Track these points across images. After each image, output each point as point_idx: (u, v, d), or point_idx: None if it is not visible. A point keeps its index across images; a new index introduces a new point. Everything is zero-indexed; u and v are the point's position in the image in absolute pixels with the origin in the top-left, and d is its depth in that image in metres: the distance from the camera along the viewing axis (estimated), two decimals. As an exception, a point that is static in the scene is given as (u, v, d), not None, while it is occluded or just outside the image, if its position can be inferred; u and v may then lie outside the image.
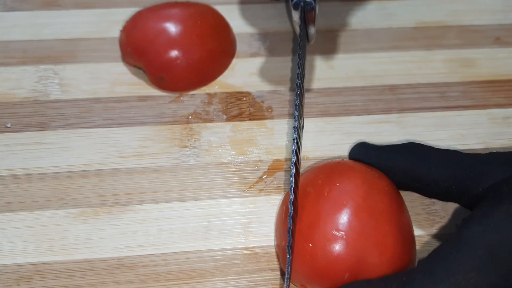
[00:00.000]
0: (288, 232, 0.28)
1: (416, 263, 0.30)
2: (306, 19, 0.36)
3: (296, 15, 0.36)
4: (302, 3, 0.35)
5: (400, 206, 0.31)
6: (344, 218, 0.29)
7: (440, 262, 0.25)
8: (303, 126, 0.37)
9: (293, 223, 0.29)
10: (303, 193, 0.31)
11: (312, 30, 0.37)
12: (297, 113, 0.33)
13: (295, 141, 0.32)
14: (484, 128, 0.39)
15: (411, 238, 0.30)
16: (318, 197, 0.30)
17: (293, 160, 0.31)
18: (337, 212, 0.29)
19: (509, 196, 0.26)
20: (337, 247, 0.28)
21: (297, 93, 0.34)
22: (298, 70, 0.35)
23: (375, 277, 0.28)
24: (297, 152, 0.31)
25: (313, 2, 0.35)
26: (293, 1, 0.35)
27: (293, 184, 0.30)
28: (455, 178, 0.30)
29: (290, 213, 0.29)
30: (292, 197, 0.29)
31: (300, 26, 0.36)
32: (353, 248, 0.28)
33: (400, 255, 0.29)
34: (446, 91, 0.41)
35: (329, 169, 0.32)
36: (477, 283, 0.24)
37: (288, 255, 0.28)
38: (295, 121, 0.33)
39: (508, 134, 0.39)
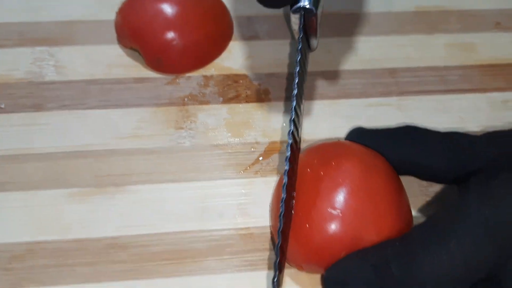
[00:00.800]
0: (280, 216, 0.28)
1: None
2: (307, 29, 0.32)
3: (295, 24, 0.32)
4: (302, 10, 0.30)
5: (398, 186, 0.30)
6: (340, 196, 0.28)
7: (434, 230, 0.25)
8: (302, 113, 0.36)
9: (286, 208, 0.28)
10: (299, 174, 0.31)
11: (314, 42, 0.33)
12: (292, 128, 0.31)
13: (293, 122, 0.31)
14: (483, 112, 0.38)
15: (408, 218, 0.30)
16: (314, 177, 0.30)
17: (289, 142, 0.30)
18: (333, 191, 0.28)
19: (507, 167, 0.25)
20: (333, 225, 0.28)
21: (293, 106, 0.31)
22: (296, 79, 0.31)
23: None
24: (294, 133, 0.31)
25: (314, 9, 0.30)
26: (292, 8, 0.31)
27: (287, 167, 0.29)
28: (452, 158, 0.29)
29: (283, 197, 0.28)
30: (285, 180, 0.29)
31: (299, 38, 0.32)
32: (349, 226, 0.28)
33: (398, 234, 0.28)
34: (446, 75, 0.40)
35: (325, 149, 0.32)
36: (470, 251, 0.24)
37: (278, 240, 0.28)
38: (292, 111, 0.31)
39: (508, 117, 0.38)
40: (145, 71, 0.40)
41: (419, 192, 0.34)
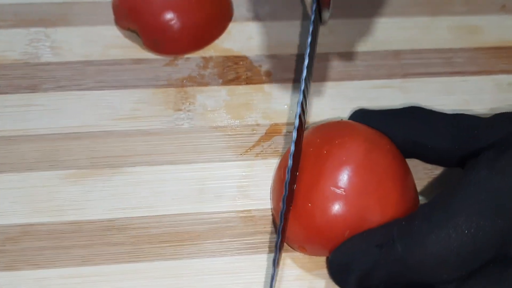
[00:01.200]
0: (283, 199, 0.27)
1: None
2: (321, 1, 0.31)
3: None
4: None
5: (403, 166, 0.29)
6: (343, 175, 0.27)
7: (441, 206, 0.24)
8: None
9: (289, 191, 0.28)
10: (301, 153, 0.30)
11: (326, 14, 0.33)
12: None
13: (300, 105, 0.29)
14: (489, 94, 0.37)
15: (414, 198, 0.29)
16: (317, 156, 0.29)
17: (296, 125, 0.29)
18: (336, 169, 0.28)
19: None
20: (337, 204, 0.27)
21: (301, 89, 0.30)
22: (306, 60, 0.30)
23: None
24: (301, 116, 0.30)
25: None
26: None
27: (293, 149, 0.28)
28: (458, 138, 0.28)
29: (286, 180, 0.27)
30: (290, 163, 0.28)
31: (312, 8, 0.31)
32: (353, 205, 0.27)
33: (403, 214, 0.27)
34: (452, 57, 0.39)
35: (328, 128, 0.31)
36: (479, 227, 0.23)
37: (280, 221, 0.27)
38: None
39: (514, 100, 0.37)
40: (143, 52, 0.39)
41: (424, 175, 0.34)
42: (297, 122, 0.28)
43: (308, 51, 0.30)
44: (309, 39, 0.31)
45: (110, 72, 0.38)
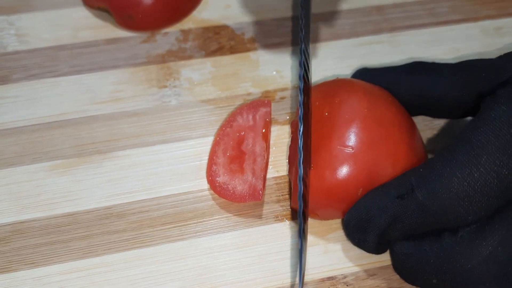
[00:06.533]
0: (298, 163, 0.26)
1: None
2: None
3: None
4: None
5: (408, 117, 0.28)
6: (349, 132, 0.26)
7: (461, 146, 0.23)
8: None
9: (304, 155, 0.26)
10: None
11: None
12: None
13: (303, 65, 0.29)
14: (477, 40, 0.37)
15: (422, 148, 0.28)
16: (318, 118, 0.27)
17: (301, 87, 0.27)
18: (341, 127, 0.26)
19: None
20: (346, 163, 0.26)
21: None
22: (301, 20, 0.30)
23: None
24: (305, 77, 0.28)
25: None
26: None
27: (301, 113, 0.27)
28: (467, 83, 0.27)
29: (300, 144, 0.26)
30: (300, 127, 0.26)
31: None
32: (363, 162, 0.26)
33: (414, 163, 0.26)
34: (434, 8, 0.39)
35: (325, 88, 0.29)
36: (503, 164, 0.22)
37: (299, 187, 0.26)
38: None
39: (502, 44, 0.37)
40: (116, 31, 0.37)
41: (424, 126, 0.33)
42: (301, 84, 0.27)
43: (303, 11, 0.29)
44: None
45: (84, 55, 0.35)
